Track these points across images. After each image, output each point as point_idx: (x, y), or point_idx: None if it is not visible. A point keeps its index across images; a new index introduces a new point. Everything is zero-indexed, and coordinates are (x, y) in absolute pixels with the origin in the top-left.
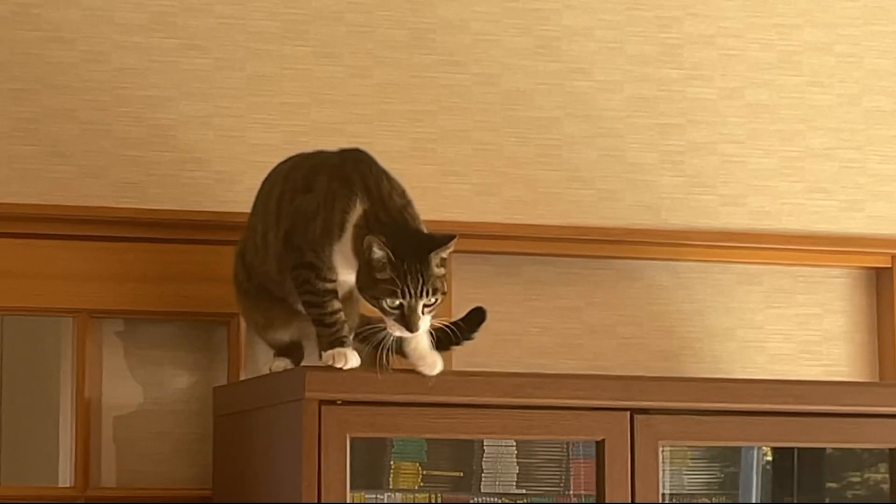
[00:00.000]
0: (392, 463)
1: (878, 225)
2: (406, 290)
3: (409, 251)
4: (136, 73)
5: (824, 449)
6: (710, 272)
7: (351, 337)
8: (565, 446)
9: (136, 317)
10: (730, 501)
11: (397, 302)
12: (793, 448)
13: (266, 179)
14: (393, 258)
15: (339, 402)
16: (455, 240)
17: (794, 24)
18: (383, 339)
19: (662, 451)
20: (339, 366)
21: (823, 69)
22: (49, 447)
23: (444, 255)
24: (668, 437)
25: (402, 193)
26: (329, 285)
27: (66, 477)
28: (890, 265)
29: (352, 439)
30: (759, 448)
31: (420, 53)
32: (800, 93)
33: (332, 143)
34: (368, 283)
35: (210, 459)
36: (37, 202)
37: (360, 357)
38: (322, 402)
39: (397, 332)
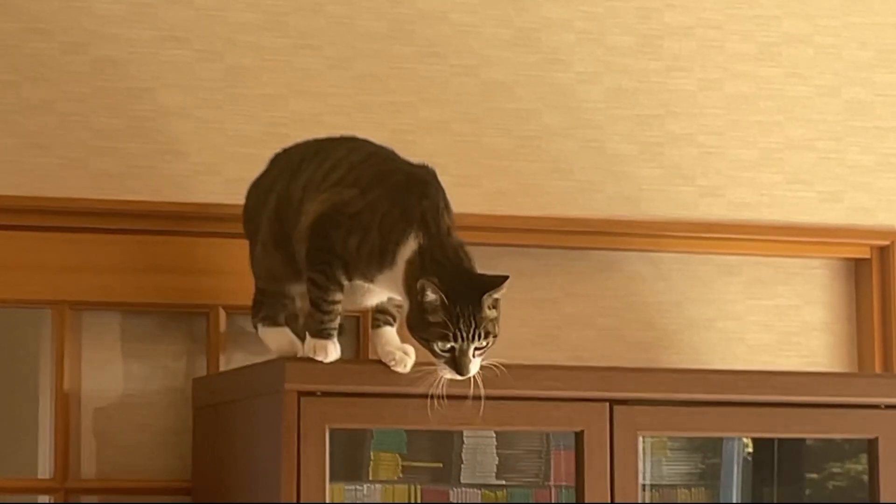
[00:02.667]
0: (372, 454)
1: (858, 216)
2: (458, 334)
3: (461, 294)
4: (116, 64)
5: (804, 439)
6: (690, 263)
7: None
8: (545, 437)
9: (115, 308)
10: (710, 492)
11: (449, 345)
12: (773, 439)
13: (317, 152)
14: (446, 301)
15: (319, 393)
16: (508, 280)
17: (773, 16)
18: None
19: (642, 441)
20: (319, 358)
21: (803, 60)
22: (28, 439)
23: (497, 296)
24: (648, 428)
25: (455, 226)
26: (345, 282)
27: (45, 469)
28: (869, 256)
29: (331, 430)
30: (739, 439)
31: (399, 45)
32: (779, 84)
33: (312, 135)
34: (420, 324)
35: (190, 451)
36: (15, 194)
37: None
38: (301, 394)
39: (448, 374)
